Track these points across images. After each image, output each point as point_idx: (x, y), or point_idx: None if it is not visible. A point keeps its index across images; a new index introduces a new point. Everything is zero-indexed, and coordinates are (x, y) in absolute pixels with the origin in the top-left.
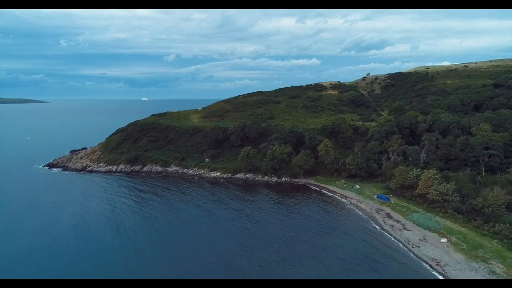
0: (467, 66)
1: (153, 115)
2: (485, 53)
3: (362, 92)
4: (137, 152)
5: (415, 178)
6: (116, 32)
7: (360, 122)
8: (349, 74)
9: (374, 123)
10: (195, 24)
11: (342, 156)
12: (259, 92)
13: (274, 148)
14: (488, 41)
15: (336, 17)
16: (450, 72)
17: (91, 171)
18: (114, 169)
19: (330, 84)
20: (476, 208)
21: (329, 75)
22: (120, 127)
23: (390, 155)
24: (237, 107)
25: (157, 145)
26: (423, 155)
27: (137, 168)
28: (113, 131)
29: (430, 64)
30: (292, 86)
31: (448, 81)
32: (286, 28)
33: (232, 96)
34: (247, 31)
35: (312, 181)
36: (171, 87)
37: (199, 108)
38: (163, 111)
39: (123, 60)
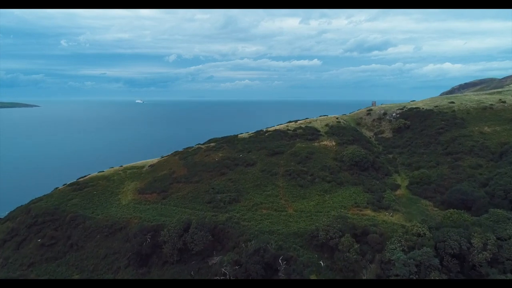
0: (504, 102)
1: (67, 186)
2: (487, 54)
3: (367, 132)
4: (12, 271)
5: None
6: (118, 32)
7: (369, 211)
8: (349, 74)
9: (390, 216)
10: (197, 25)
11: None
12: (227, 141)
13: None
14: (492, 42)
15: (340, 18)
16: (484, 110)
17: None
18: None
19: (326, 125)
20: None
21: (329, 76)
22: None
23: None
24: (192, 172)
25: (51, 253)
26: None
27: None
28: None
29: (431, 65)
30: (276, 130)
31: (486, 128)
32: (289, 29)
33: (230, 98)
34: (250, 32)
35: None
36: (170, 87)
37: (145, 167)
38: (157, 114)
39: (123, 60)
